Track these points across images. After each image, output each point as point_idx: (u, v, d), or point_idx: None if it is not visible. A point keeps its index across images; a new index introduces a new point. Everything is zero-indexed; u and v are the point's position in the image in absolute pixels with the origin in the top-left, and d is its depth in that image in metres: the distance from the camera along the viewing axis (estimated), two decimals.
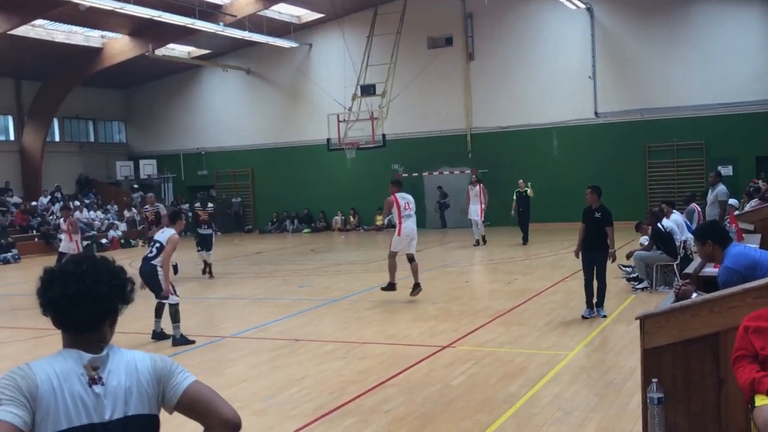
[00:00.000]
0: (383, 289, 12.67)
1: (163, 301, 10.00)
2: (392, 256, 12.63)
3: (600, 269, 10.27)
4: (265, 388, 7.43)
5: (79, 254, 2.40)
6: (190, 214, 22.95)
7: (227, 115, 32.65)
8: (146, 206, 19.05)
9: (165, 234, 10.17)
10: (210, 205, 18.15)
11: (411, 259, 12.62)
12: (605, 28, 26.51)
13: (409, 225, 12.52)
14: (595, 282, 10.29)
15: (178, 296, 10.12)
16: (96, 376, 2.15)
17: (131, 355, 2.27)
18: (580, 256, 10.39)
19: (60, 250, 16.80)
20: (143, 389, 2.22)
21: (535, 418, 6.17)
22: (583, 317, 10.16)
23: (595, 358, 8.40)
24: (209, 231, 17.39)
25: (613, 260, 10.46)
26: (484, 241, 21.33)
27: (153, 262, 9.93)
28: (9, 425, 1.98)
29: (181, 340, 9.85)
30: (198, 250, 17.31)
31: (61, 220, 17.74)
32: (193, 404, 2.28)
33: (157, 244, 10.07)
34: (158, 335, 10.18)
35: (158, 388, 2.26)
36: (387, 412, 6.49)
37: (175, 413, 2.33)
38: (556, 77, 26.94)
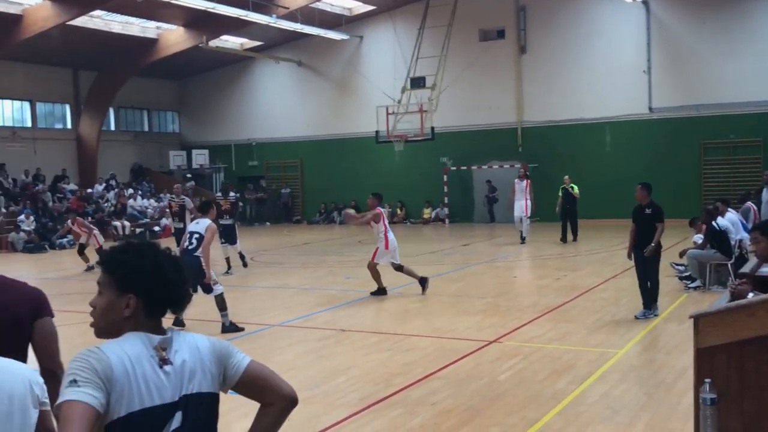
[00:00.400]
0: (373, 294, 12.62)
1: (208, 293, 10.07)
2: (374, 266, 12.66)
3: (651, 268, 10.06)
4: (312, 377, 7.50)
5: (153, 242, 2.46)
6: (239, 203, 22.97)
7: (278, 106, 32.93)
8: (172, 195, 18.51)
9: (201, 224, 10.25)
10: (232, 194, 17.67)
11: (399, 268, 12.63)
12: (661, 21, 25.99)
13: (392, 237, 12.76)
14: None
15: (220, 285, 10.24)
16: (165, 357, 2.20)
17: (191, 336, 2.33)
18: (632, 255, 10.21)
19: (80, 241, 17.87)
20: (206, 368, 2.28)
21: (582, 416, 6.10)
22: (636, 318, 9.97)
23: (645, 356, 8.27)
24: (230, 221, 16.74)
25: (649, 253, 9.82)
26: (522, 240, 20.31)
27: (196, 253, 9.95)
28: (87, 406, 2.01)
29: (231, 328, 9.97)
30: (222, 243, 16.31)
31: (71, 224, 18.65)
32: (253, 381, 2.37)
33: (197, 235, 10.12)
34: (228, 328, 10.00)
35: (219, 367, 2.31)
36: (433, 404, 6.49)
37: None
38: (609, 71, 26.53)
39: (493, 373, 7.46)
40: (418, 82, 26.99)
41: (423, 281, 12.61)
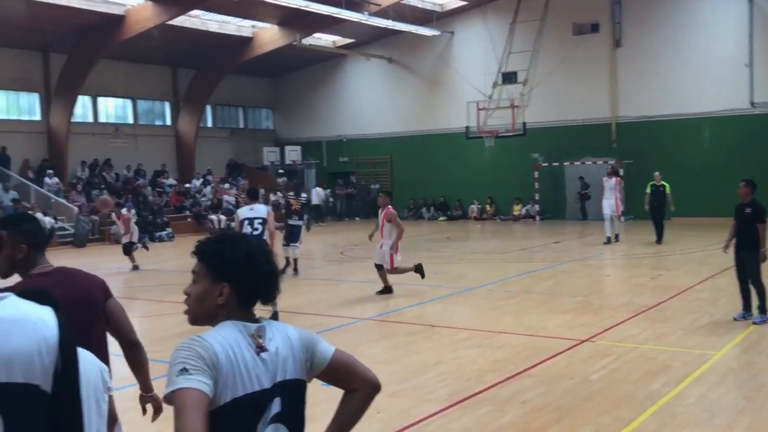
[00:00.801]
0: (378, 293, 12.42)
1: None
2: (398, 270, 12.54)
3: (749, 270, 9.55)
4: (401, 371, 7.55)
5: (247, 234, 2.56)
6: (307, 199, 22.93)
7: (368, 103, 33.21)
8: (289, 194, 18.78)
9: (259, 209, 10.61)
10: (303, 195, 17.56)
11: (382, 267, 12.46)
12: (765, 12, 24.86)
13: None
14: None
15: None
16: (262, 344, 2.27)
17: (280, 325, 2.39)
18: (733, 256, 9.82)
19: (124, 241, 17.80)
20: (297, 355, 2.34)
21: (678, 417, 5.94)
22: (734, 319, 9.60)
23: (744, 359, 7.98)
24: (299, 222, 16.25)
25: (764, 260, 9.52)
26: (617, 239, 19.62)
27: (264, 237, 10.24)
28: (200, 393, 2.08)
29: (275, 317, 9.99)
30: (284, 245, 15.47)
31: (116, 218, 18.29)
32: (339, 369, 2.42)
33: (259, 220, 10.47)
34: (274, 316, 10.19)
35: (307, 355, 2.37)
36: (524, 402, 6.45)
37: None
38: (708, 65, 25.57)
39: (584, 373, 7.34)
40: (509, 77, 26.74)
41: (387, 289, 12.48)
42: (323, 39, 31.48)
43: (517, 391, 6.76)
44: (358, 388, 2.44)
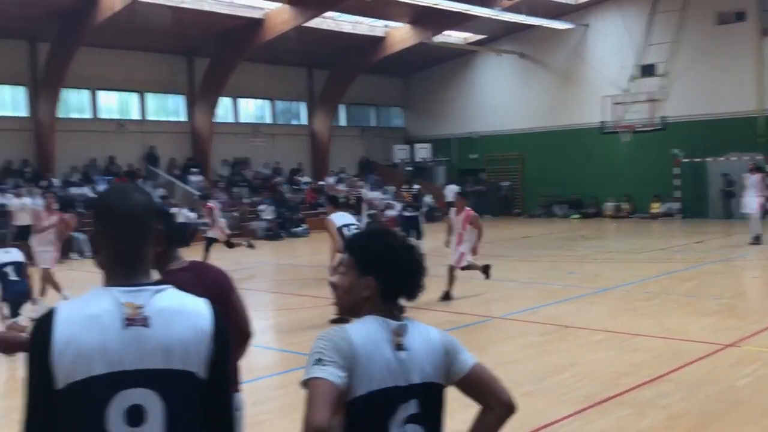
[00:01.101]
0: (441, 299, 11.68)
1: None
2: (467, 268, 12.15)
3: None
4: (535, 371, 7.47)
5: (395, 231, 2.63)
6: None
7: (499, 99, 32.89)
8: (409, 187, 18.56)
9: (349, 216, 10.66)
10: (415, 186, 17.28)
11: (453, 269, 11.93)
12: None
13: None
14: None
15: None
16: (401, 343, 2.31)
17: (423, 326, 2.41)
18: None
19: (209, 234, 16.44)
20: (437, 359, 2.35)
21: None
22: None
23: None
24: (414, 213, 16.09)
25: None
26: (758, 241, 18.11)
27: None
28: (332, 384, 2.15)
29: None
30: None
31: (205, 213, 16.42)
32: (477, 382, 2.41)
33: (353, 226, 10.46)
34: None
35: (446, 361, 2.37)
36: (664, 407, 6.24)
37: None
38: None
39: (729, 379, 7.01)
40: (647, 70, 25.81)
41: (486, 269, 12.13)
42: (454, 36, 31.45)
43: (657, 396, 6.55)
44: (492, 407, 2.41)
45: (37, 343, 1.93)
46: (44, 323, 1.94)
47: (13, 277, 9.52)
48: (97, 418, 1.90)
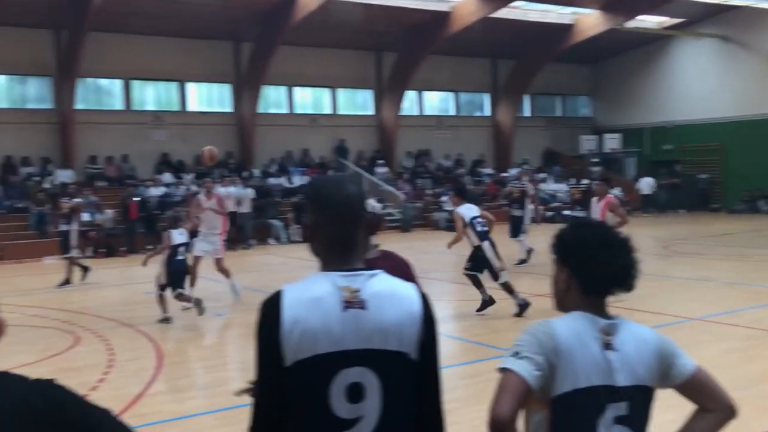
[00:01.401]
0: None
1: (496, 281, 10.10)
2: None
3: None
4: (739, 378, 6.96)
5: (596, 221, 2.54)
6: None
7: (697, 86, 30.97)
8: (515, 181, 17.43)
9: (475, 209, 10.38)
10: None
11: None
12: None
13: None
14: None
15: (505, 273, 10.30)
16: (610, 342, 2.23)
17: (637, 326, 2.32)
18: None
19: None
20: (651, 362, 2.26)
21: None
22: None
23: None
24: (519, 213, 15.24)
25: None
26: None
27: (491, 235, 10.22)
28: (521, 379, 2.13)
29: (523, 306, 9.67)
30: (510, 237, 15.08)
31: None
32: (700, 386, 2.32)
33: (480, 219, 10.25)
34: (523, 306, 9.65)
35: (660, 364, 2.28)
36: None
37: None
38: None
39: None
40: None
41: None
42: (647, 21, 29.96)
43: None
44: (713, 410, 2.32)
45: (268, 324, 2.05)
46: (273, 305, 2.06)
47: (180, 256, 10.63)
48: (322, 394, 2.01)
